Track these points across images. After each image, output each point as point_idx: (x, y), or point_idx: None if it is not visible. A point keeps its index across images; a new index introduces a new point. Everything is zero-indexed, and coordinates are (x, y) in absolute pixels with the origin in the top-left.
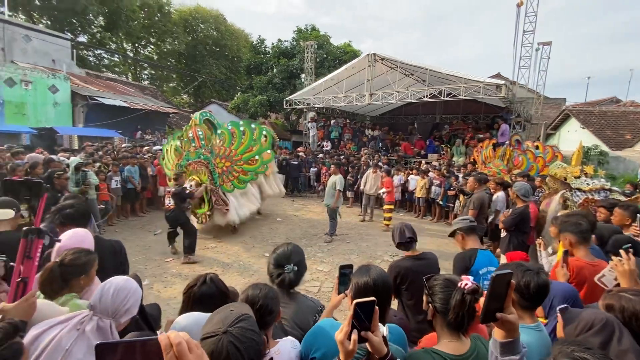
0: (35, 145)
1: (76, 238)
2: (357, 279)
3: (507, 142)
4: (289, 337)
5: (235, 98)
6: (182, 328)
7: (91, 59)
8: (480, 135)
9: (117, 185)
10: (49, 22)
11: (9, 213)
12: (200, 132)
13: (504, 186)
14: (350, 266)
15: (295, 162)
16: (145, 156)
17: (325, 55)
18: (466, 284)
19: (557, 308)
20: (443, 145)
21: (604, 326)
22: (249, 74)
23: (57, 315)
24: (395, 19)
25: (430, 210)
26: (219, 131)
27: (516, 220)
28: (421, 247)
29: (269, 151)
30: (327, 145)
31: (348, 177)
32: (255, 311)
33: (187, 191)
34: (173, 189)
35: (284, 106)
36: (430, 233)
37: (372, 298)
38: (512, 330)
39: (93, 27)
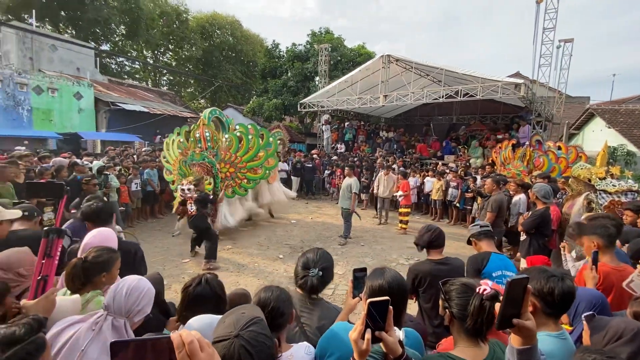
0: (61, 150)
1: (100, 236)
2: (372, 281)
3: (527, 143)
4: (304, 343)
5: (251, 102)
6: (196, 330)
7: (113, 66)
8: (499, 136)
9: (137, 188)
10: (74, 32)
11: (17, 213)
12: (207, 133)
13: (525, 188)
14: (364, 269)
15: (310, 165)
16: None
17: (339, 58)
18: (485, 290)
19: (583, 315)
20: (460, 147)
21: (635, 336)
22: (264, 78)
23: (71, 311)
24: (410, 19)
25: (447, 212)
26: (226, 135)
27: (536, 223)
28: None
29: (272, 158)
30: (341, 148)
31: (362, 180)
32: (267, 313)
33: (210, 196)
34: (196, 195)
35: (298, 109)
36: (447, 236)
37: (386, 297)
38: (529, 337)
39: (115, 35)
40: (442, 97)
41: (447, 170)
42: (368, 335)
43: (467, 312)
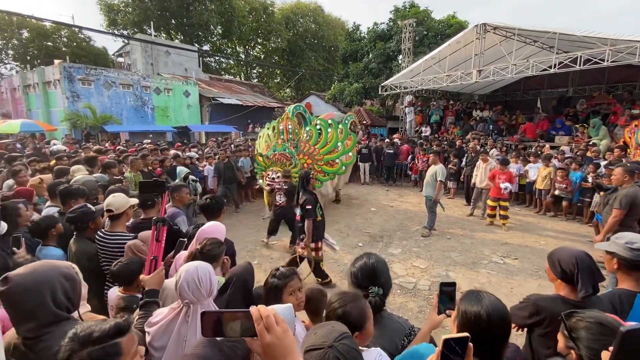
0: (175, 141)
1: (212, 227)
2: (466, 306)
3: None
4: (377, 349)
5: (332, 88)
6: None
7: (213, 64)
8: (635, 111)
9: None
10: (181, 37)
11: (133, 200)
12: (290, 126)
13: None
14: (453, 284)
15: (391, 151)
16: None
17: (425, 32)
18: None
19: None
20: (578, 125)
21: None
22: (344, 62)
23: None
24: None
25: (555, 205)
26: (307, 128)
27: None
28: (543, 250)
29: (350, 154)
30: (426, 131)
31: (450, 166)
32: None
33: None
34: (285, 187)
35: (380, 92)
36: (555, 234)
37: (466, 334)
38: None
39: (213, 36)
40: (555, 66)
41: (556, 155)
42: None
43: None
